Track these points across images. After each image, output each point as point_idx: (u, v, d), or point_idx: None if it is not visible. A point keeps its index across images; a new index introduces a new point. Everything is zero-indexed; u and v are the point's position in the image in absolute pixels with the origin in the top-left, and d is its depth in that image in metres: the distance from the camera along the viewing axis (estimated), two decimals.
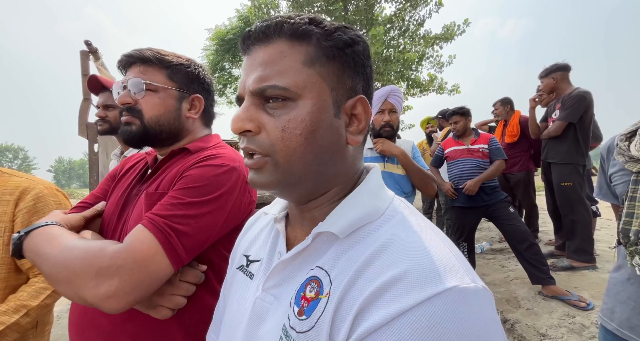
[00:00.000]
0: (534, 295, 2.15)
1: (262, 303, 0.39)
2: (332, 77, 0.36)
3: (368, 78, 0.39)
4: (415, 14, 7.51)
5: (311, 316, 0.32)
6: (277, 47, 0.35)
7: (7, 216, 0.85)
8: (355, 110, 0.38)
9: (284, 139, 0.34)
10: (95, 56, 2.59)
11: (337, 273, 0.34)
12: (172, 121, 0.74)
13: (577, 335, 1.72)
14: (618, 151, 0.83)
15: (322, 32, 0.36)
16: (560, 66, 2.59)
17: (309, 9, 7.58)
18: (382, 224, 0.36)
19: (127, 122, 0.72)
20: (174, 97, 0.74)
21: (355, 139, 0.38)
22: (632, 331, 0.75)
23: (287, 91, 0.34)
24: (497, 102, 3.43)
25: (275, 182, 0.36)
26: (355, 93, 0.38)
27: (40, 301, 0.83)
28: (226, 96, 11.15)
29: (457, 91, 7.66)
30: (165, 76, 0.73)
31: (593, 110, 2.48)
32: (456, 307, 0.26)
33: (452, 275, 0.28)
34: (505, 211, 2.23)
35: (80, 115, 2.45)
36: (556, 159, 2.57)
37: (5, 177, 0.91)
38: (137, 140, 0.72)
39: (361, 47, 0.38)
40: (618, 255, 0.86)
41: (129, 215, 0.69)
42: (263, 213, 0.53)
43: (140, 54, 0.71)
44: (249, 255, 0.48)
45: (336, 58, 0.36)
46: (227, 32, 9.63)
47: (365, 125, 0.38)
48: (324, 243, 0.37)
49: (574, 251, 2.50)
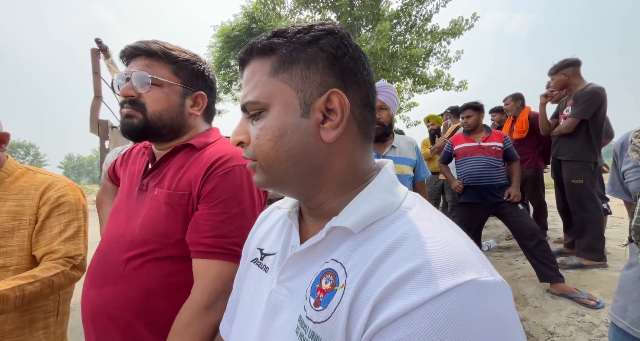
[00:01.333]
0: (542, 293, 2.13)
1: (277, 296, 0.40)
2: (297, 80, 0.37)
3: (347, 68, 0.38)
4: (422, 9, 7.41)
5: (328, 307, 0.33)
6: (251, 67, 0.40)
7: (31, 210, 0.90)
8: (330, 104, 0.37)
9: (259, 145, 0.39)
10: (106, 54, 2.62)
11: (352, 265, 0.34)
12: (175, 116, 0.74)
13: (587, 333, 1.71)
14: (632, 147, 0.82)
15: (283, 41, 0.38)
16: (571, 62, 2.53)
17: (314, 5, 7.53)
18: (397, 219, 0.36)
19: (128, 114, 0.71)
20: (178, 93, 0.74)
21: (328, 135, 0.37)
22: None
23: (258, 104, 0.38)
24: (509, 97, 3.37)
25: (265, 182, 0.41)
26: (327, 88, 0.37)
27: (49, 275, 0.82)
28: (231, 93, 11.17)
29: (465, 87, 7.55)
30: (170, 71, 0.72)
31: (606, 106, 2.43)
32: (475, 300, 0.27)
33: (471, 268, 0.29)
34: (514, 208, 2.21)
35: (91, 112, 2.49)
36: (567, 156, 2.53)
37: (30, 174, 0.96)
38: (138, 133, 0.72)
39: (328, 40, 0.37)
40: (630, 253, 0.85)
41: (139, 209, 0.71)
42: (276, 208, 0.54)
43: (147, 46, 0.70)
44: (263, 248, 0.49)
45: (298, 60, 0.37)
46: (232, 28, 9.61)
47: (341, 119, 0.37)
48: (338, 237, 0.38)
49: (584, 249, 2.46)
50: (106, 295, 0.66)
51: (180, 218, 0.68)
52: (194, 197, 0.68)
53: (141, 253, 0.66)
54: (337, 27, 0.39)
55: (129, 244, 0.68)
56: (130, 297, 0.65)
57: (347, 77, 0.38)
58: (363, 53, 0.41)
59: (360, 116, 0.40)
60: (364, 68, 0.40)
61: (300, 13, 7.81)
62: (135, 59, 0.71)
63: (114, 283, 0.66)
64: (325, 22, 0.40)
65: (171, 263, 0.67)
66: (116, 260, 0.67)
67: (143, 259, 0.66)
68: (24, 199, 0.90)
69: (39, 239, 0.90)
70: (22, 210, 0.89)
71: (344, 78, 0.38)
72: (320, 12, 7.69)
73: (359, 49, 0.40)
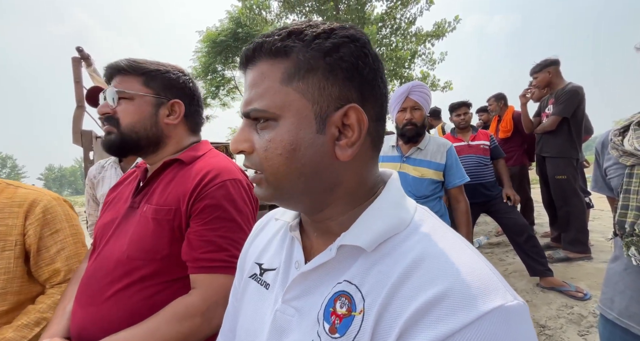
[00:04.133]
0: (532, 287, 2.19)
1: (283, 316, 0.38)
2: (313, 91, 0.34)
3: (366, 81, 0.35)
4: (406, 12, 7.56)
5: (346, 335, 0.32)
6: (259, 69, 0.35)
7: (17, 229, 0.85)
8: (347, 120, 0.34)
9: (268, 159, 0.35)
10: (88, 63, 2.55)
11: (369, 288, 0.33)
12: (149, 127, 0.74)
13: (576, 325, 1.77)
14: (612, 145, 0.86)
15: (301, 44, 0.34)
16: (553, 61, 2.63)
17: (300, 9, 7.57)
18: (410, 236, 0.35)
19: (107, 131, 0.74)
20: (150, 103, 0.75)
21: (344, 154, 0.35)
22: (631, 319, 0.78)
23: (267, 113, 0.34)
24: (491, 98, 3.48)
25: (270, 196, 0.38)
26: (346, 102, 0.34)
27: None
28: (219, 98, 11.06)
29: (450, 87, 7.73)
30: (140, 83, 0.74)
31: (585, 104, 2.54)
32: (504, 327, 0.26)
33: (496, 293, 0.28)
34: (503, 205, 2.27)
35: (74, 123, 2.41)
36: (551, 153, 2.62)
37: (11, 189, 0.90)
38: (116, 148, 0.74)
39: (350, 49, 0.34)
40: (615, 246, 0.89)
41: (128, 226, 0.71)
42: (273, 219, 0.51)
43: (116, 64, 0.74)
44: (262, 263, 0.47)
45: (316, 69, 0.33)
46: (218, 33, 9.56)
47: (358, 136, 0.35)
48: (349, 255, 0.36)
49: (570, 242, 2.55)
50: (91, 315, 0.65)
51: (166, 233, 0.67)
52: (182, 212, 0.68)
53: (126, 273, 0.66)
54: (358, 32, 0.36)
55: (114, 264, 0.67)
56: (113, 319, 0.64)
57: (366, 91, 0.35)
58: (381, 62, 0.38)
59: (374, 131, 0.38)
60: (382, 80, 0.37)
61: (286, 17, 7.83)
62: (114, 78, 0.74)
63: (99, 304, 0.65)
64: (346, 26, 0.36)
65: (156, 282, 0.67)
66: (101, 281, 0.67)
67: (128, 281, 0.65)
68: (7, 218, 0.85)
69: (38, 261, 0.87)
70: (6, 230, 0.84)
71: (363, 91, 0.35)
72: (306, 16, 7.73)
73: (378, 59, 0.37)
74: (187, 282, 0.67)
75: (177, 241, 0.68)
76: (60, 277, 0.89)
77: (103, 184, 1.44)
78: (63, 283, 0.89)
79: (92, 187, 1.49)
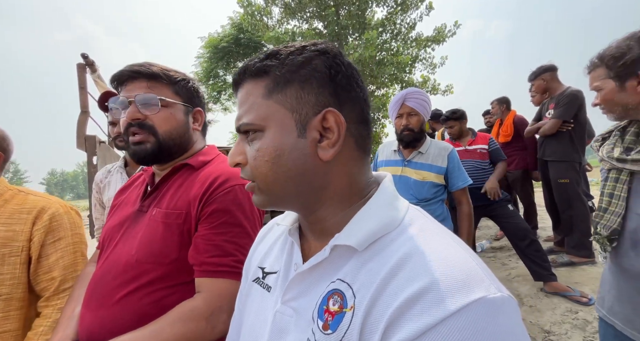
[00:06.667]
0: (536, 292, 2.17)
1: (282, 317, 0.39)
2: (291, 101, 0.38)
3: (340, 87, 0.39)
4: (406, 18, 7.63)
5: (337, 331, 0.33)
6: (245, 88, 0.40)
7: (24, 235, 0.85)
8: (327, 123, 0.38)
9: (257, 167, 0.39)
10: (92, 69, 2.59)
11: (359, 285, 0.34)
12: (183, 134, 0.77)
13: (581, 330, 1.75)
14: (593, 150, 0.90)
15: (277, 62, 0.38)
16: (547, 67, 2.65)
17: (301, 15, 7.66)
18: (400, 235, 0.36)
19: (140, 141, 0.71)
20: (182, 111, 0.77)
21: (326, 154, 0.38)
22: (616, 317, 0.81)
23: (253, 125, 0.39)
24: (494, 101, 3.48)
25: (265, 202, 0.41)
26: (323, 107, 0.38)
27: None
28: (221, 103, 11.13)
29: (451, 91, 7.76)
30: (172, 91, 0.75)
31: (586, 108, 2.54)
32: (485, 319, 0.27)
33: (479, 286, 0.29)
34: (505, 209, 2.26)
35: (78, 128, 2.44)
36: (553, 157, 2.62)
37: (22, 196, 0.91)
38: (153, 157, 0.73)
39: (321, 60, 0.38)
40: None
41: (136, 230, 0.71)
42: (275, 224, 0.53)
43: (149, 70, 0.72)
44: (265, 267, 0.48)
45: (292, 81, 0.38)
46: (220, 39, 9.66)
47: (338, 136, 0.38)
48: (342, 255, 0.38)
49: (574, 246, 2.53)
50: (100, 318, 0.65)
51: (175, 237, 0.67)
52: (191, 217, 0.68)
53: (135, 277, 0.66)
54: (329, 46, 0.40)
55: (123, 267, 0.67)
56: (122, 323, 0.64)
57: (342, 95, 0.39)
58: (356, 70, 0.41)
59: (357, 132, 0.40)
60: (358, 85, 0.40)
61: (287, 23, 7.92)
62: (133, 82, 0.72)
63: (108, 307, 0.66)
64: (317, 42, 0.40)
65: (165, 285, 0.67)
66: (110, 284, 0.67)
67: (136, 284, 0.66)
68: (15, 224, 0.86)
69: (37, 269, 0.87)
70: (13, 236, 0.84)
71: (339, 96, 0.39)
72: (307, 22, 7.82)
73: (352, 67, 0.41)
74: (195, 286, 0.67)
75: (185, 246, 0.68)
76: (54, 287, 0.87)
77: (109, 188, 1.45)
78: (55, 295, 0.87)
79: (98, 191, 1.50)
